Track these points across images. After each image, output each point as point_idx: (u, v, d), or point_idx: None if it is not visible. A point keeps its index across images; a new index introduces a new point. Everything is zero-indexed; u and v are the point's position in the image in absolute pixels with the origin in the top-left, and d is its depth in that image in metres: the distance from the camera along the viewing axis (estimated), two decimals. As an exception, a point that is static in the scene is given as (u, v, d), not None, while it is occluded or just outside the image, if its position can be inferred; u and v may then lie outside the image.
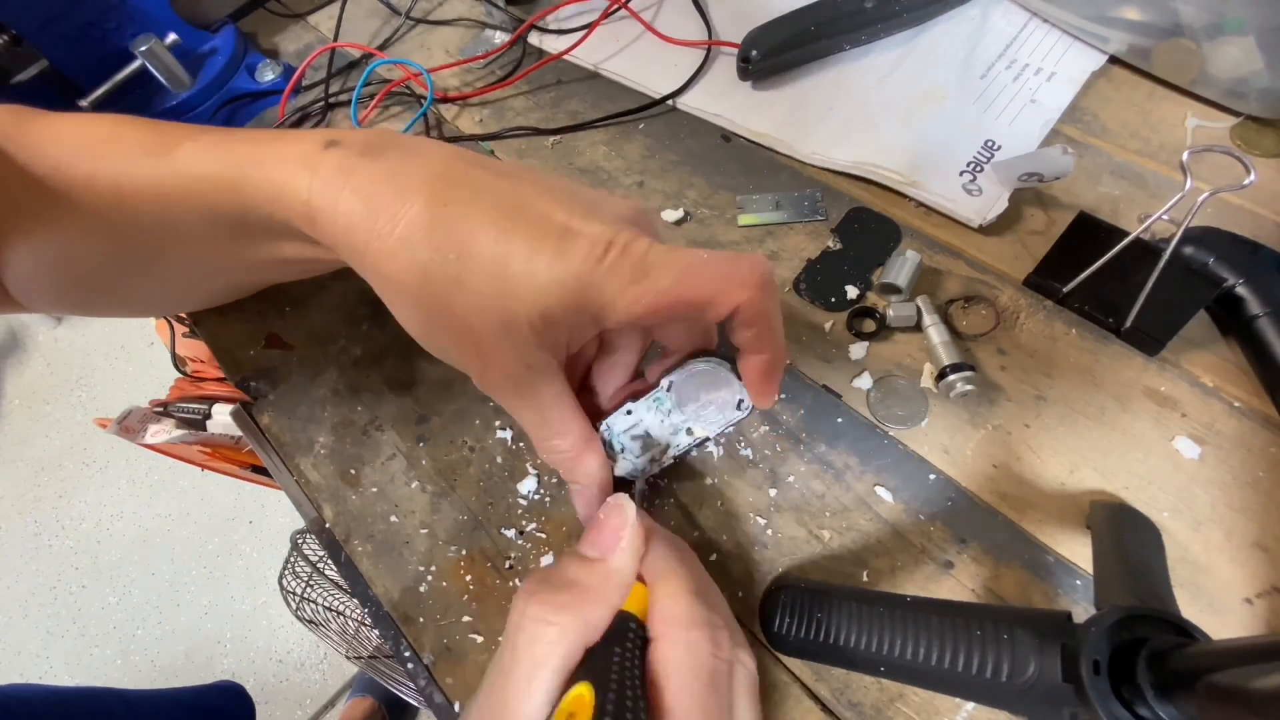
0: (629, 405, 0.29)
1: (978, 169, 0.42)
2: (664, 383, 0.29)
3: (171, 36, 0.54)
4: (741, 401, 0.30)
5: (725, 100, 0.48)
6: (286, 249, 0.29)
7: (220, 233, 0.28)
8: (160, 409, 0.53)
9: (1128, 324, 0.35)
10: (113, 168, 0.28)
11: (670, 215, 0.43)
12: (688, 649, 0.21)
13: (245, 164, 0.26)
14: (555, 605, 0.21)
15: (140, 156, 0.27)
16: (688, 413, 0.30)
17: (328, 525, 0.37)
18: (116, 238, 0.29)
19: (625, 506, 0.24)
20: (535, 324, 0.24)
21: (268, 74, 0.57)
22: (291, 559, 0.86)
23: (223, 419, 0.44)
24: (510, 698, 0.20)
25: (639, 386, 0.30)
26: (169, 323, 0.55)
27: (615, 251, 0.23)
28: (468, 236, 0.23)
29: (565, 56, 0.53)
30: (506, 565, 0.34)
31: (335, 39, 0.58)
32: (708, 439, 0.30)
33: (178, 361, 0.57)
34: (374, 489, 0.38)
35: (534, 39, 0.55)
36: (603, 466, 0.29)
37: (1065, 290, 0.36)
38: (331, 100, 0.54)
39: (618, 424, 0.30)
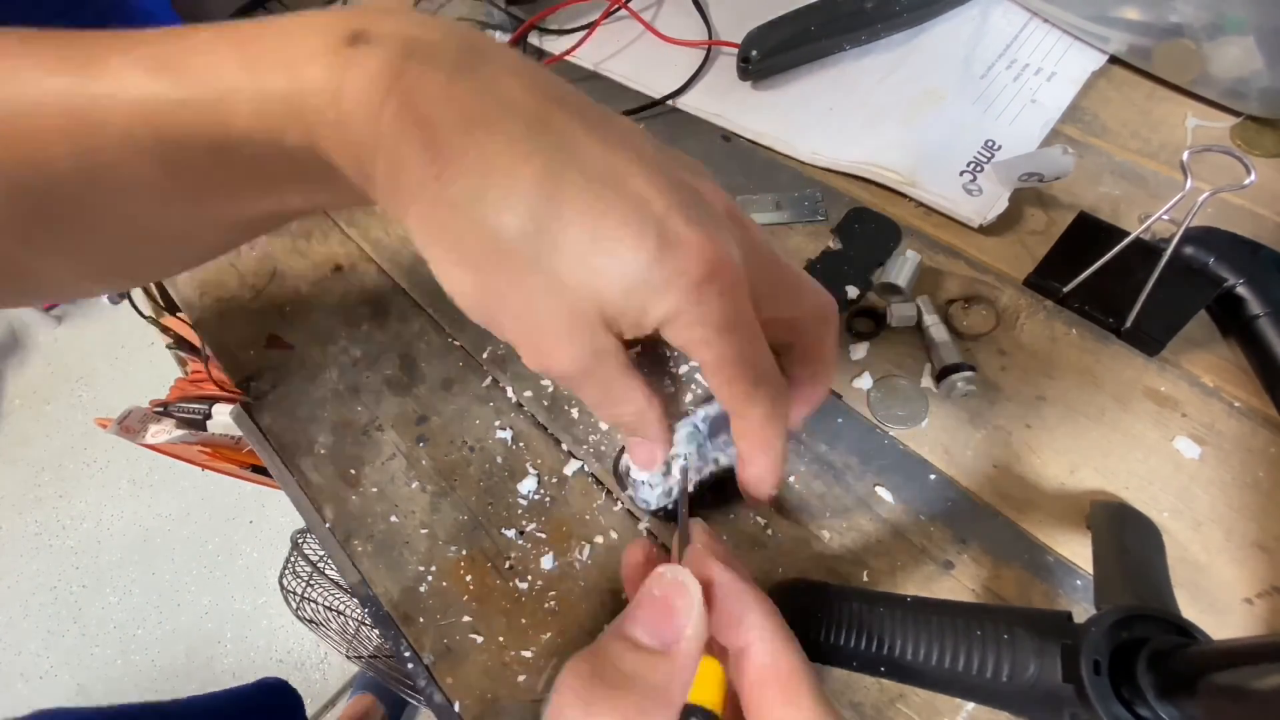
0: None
1: (978, 169, 0.42)
2: (699, 414, 0.28)
3: (172, 36, 0.54)
4: None
5: (725, 100, 0.48)
6: (278, 198, 0.22)
7: (179, 180, 0.20)
8: (160, 409, 0.53)
9: (1128, 324, 0.35)
10: (13, 94, 0.19)
11: (670, 215, 0.43)
12: None
13: (226, 73, 0.18)
14: (618, 713, 0.17)
15: (52, 76, 0.19)
16: (716, 444, 0.29)
17: (328, 525, 0.37)
18: (13, 199, 0.20)
19: (688, 585, 0.19)
20: (608, 317, 0.20)
21: (268, 74, 0.57)
22: (292, 559, 0.87)
23: (223, 419, 0.44)
24: None
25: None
26: (195, 338, 0.55)
27: (715, 287, 0.19)
28: (553, 208, 0.18)
29: (565, 57, 0.53)
30: (506, 565, 0.34)
31: (335, 39, 0.58)
32: (731, 468, 0.29)
33: (180, 356, 0.57)
34: (374, 489, 0.38)
35: (534, 39, 0.55)
36: (664, 419, 0.25)
37: (1065, 290, 0.36)
38: (331, 100, 0.54)
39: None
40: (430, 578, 0.35)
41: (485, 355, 0.41)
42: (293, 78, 0.18)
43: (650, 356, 0.28)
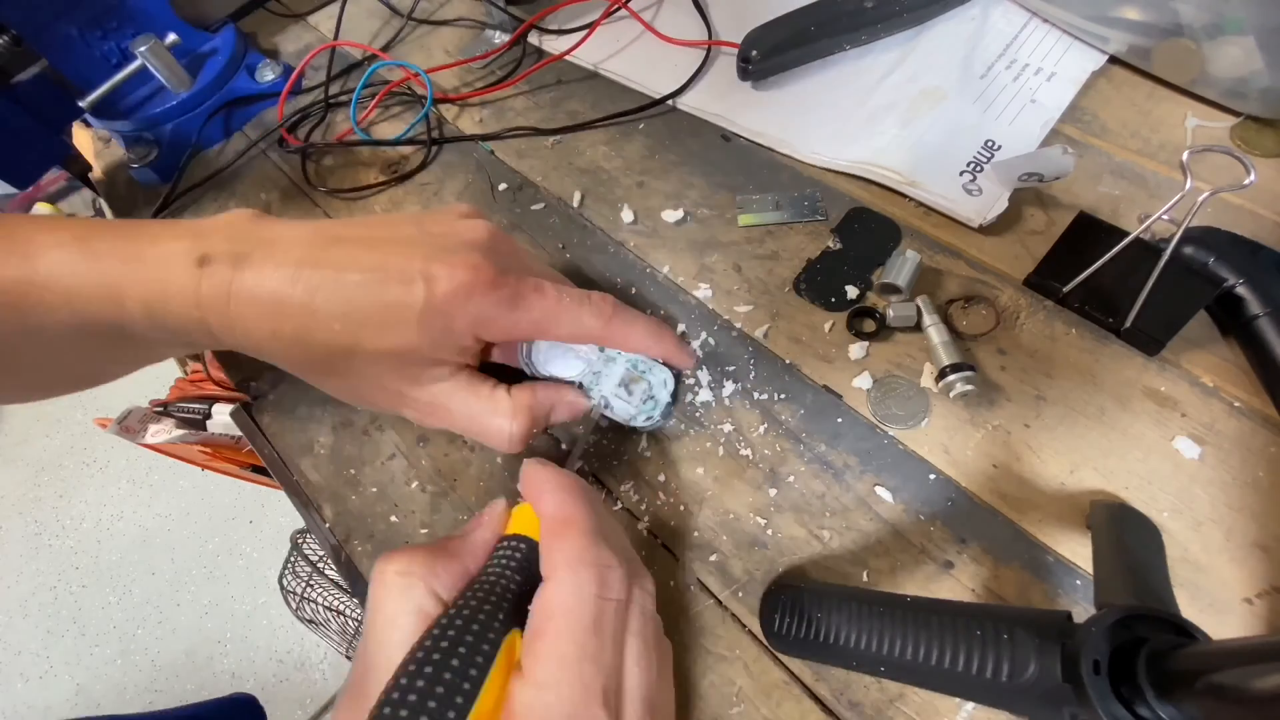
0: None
1: (978, 169, 0.42)
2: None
3: (171, 36, 0.54)
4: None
5: (725, 100, 0.48)
6: (168, 350, 0.31)
7: (93, 340, 0.28)
8: (160, 409, 0.53)
9: (1128, 324, 0.35)
10: None
11: (670, 215, 0.43)
12: (574, 590, 0.22)
13: (121, 279, 0.26)
14: (409, 559, 0.24)
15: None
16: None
17: (328, 525, 0.37)
18: None
19: (494, 506, 0.27)
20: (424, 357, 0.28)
21: (268, 74, 0.57)
22: (292, 559, 0.87)
23: (223, 419, 0.45)
24: (376, 644, 0.22)
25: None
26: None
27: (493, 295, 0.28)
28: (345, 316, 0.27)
29: (565, 57, 0.53)
30: (506, 565, 0.34)
31: (335, 39, 0.58)
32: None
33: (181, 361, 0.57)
34: (374, 489, 0.38)
35: (534, 39, 0.55)
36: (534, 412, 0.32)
37: (1065, 290, 0.36)
38: (332, 101, 0.54)
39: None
40: (430, 578, 0.35)
41: (485, 355, 0.41)
42: (165, 290, 0.26)
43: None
